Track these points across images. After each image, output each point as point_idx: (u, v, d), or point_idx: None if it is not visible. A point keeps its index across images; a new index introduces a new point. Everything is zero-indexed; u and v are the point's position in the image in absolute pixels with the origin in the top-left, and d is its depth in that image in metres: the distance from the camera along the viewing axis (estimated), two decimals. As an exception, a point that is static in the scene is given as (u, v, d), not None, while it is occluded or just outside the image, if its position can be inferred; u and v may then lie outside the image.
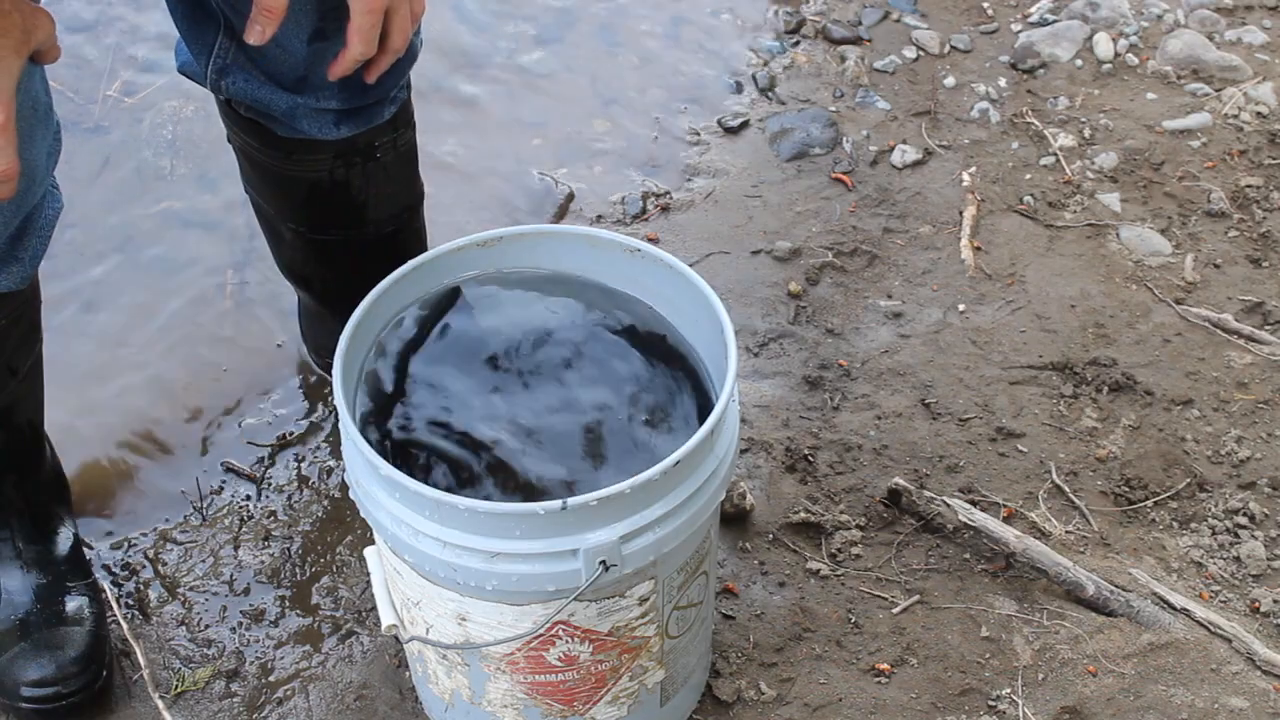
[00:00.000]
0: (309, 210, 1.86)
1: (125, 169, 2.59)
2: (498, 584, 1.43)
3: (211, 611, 1.95)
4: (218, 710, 1.84)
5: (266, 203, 1.92)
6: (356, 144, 1.77)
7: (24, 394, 1.79)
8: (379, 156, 1.81)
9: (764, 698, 1.82)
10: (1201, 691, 1.81)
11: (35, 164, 1.52)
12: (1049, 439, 2.14)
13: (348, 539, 2.03)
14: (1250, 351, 2.26)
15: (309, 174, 1.80)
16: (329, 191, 1.82)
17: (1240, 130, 2.64)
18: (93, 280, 2.38)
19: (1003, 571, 1.96)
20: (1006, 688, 1.83)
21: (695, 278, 1.58)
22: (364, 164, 1.80)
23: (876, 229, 2.49)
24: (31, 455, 1.86)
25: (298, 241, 1.93)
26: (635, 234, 2.45)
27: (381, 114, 1.76)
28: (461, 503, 1.38)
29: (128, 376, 2.26)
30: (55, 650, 1.79)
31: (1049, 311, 2.33)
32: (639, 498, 1.40)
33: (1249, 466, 2.10)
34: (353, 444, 1.45)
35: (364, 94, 1.71)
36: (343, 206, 1.85)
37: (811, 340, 2.29)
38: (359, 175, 1.81)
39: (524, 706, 1.61)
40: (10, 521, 1.85)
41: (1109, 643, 1.86)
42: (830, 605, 1.93)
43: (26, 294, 1.69)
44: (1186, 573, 1.97)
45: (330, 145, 1.76)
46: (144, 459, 2.15)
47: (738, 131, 2.71)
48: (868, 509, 2.04)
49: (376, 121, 1.76)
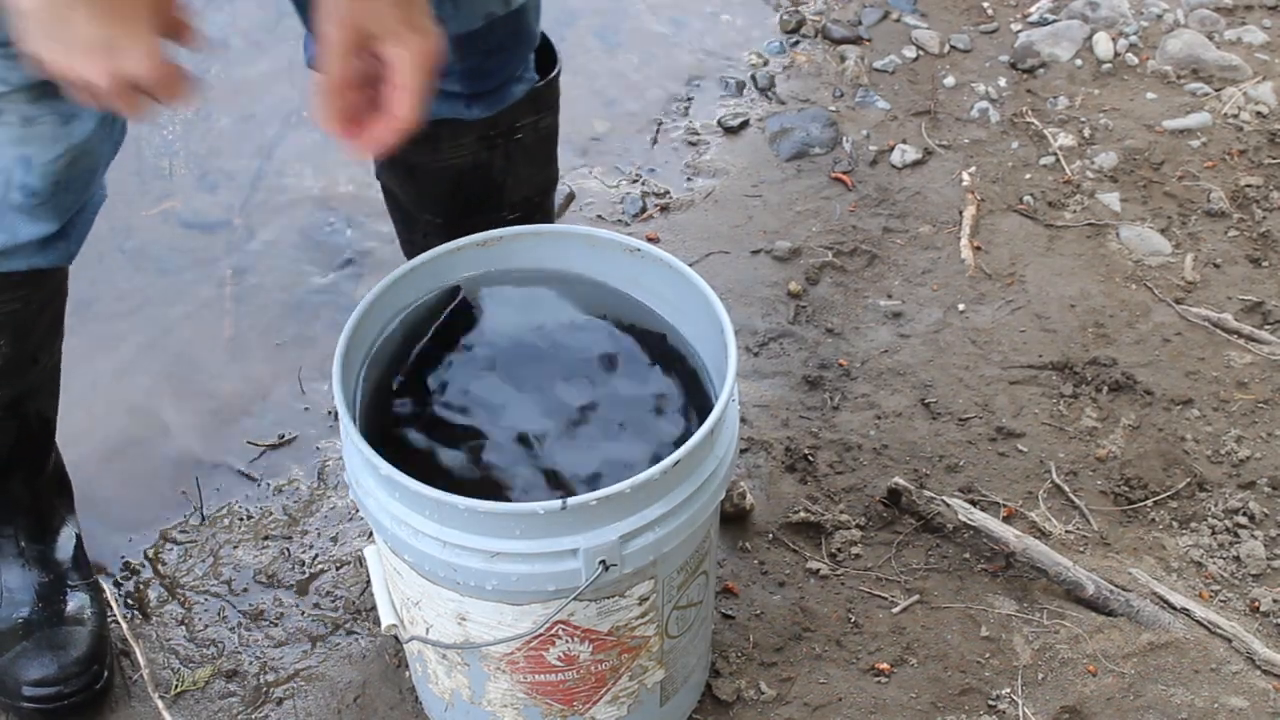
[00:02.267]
0: (452, 201, 1.85)
1: (126, 169, 2.59)
2: (497, 584, 1.43)
3: (211, 611, 1.95)
4: (217, 710, 1.84)
5: (406, 195, 1.92)
6: (499, 124, 1.75)
7: (42, 386, 1.80)
8: (519, 138, 1.79)
9: (764, 697, 1.82)
10: (1201, 691, 1.81)
11: (104, 151, 1.55)
12: (1049, 439, 2.14)
13: (347, 539, 2.03)
14: (1250, 351, 2.26)
15: (456, 162, 1.77)
16: (472, 177, 1.80)
17: (1240, 130, 2.64)
18: (92, 280, 2.38)
19: (1002, 571, 1.96)
20: (1006, 687, 1.83)
21: (695, 277, 1.58)
22: (505, 144, 1.78)
23: (876, 229, 2.49)
24: (42, 451, 1.86)
25: (431, 229, 1.92)
26: (635, 234, 2.45)
27: (511, 94, 1.74)
28: (461, 502, 1.38)
29: (127, 376, 2.26)
30: (57, 650, 1.79)
31: (1049, 311, 2.33)
32: (639, 497, 1.40)
33: (1249, 466, 2.10)
34: (352, 444, 1.45)
35: (485, 78, 1.70)
36: (484, 190, 1.83)
37: (811, 340, 2.29)
38: (500, 156, 1.79)
39: (524, 706, 1.61)
40: (15, 519, 1.85)
41: (1109, 642, 1.86)
42: (830, 605, 1.93)
43: (59, 282, 1.71)
44: (1186, 572, 1.97)
45: (474, 126, 1.73)
46: (144, 458, 2.14)
47: (738, 131, 2.71)
48: (867, 509, 2.04)
49: (507, 102, 1.74)
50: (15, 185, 1.49)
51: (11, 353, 1.69)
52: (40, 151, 1.47)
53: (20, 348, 1.70)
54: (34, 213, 1.53)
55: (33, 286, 1.66)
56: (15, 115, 1.44)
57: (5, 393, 1.73)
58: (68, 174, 1.52)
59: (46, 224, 1.55)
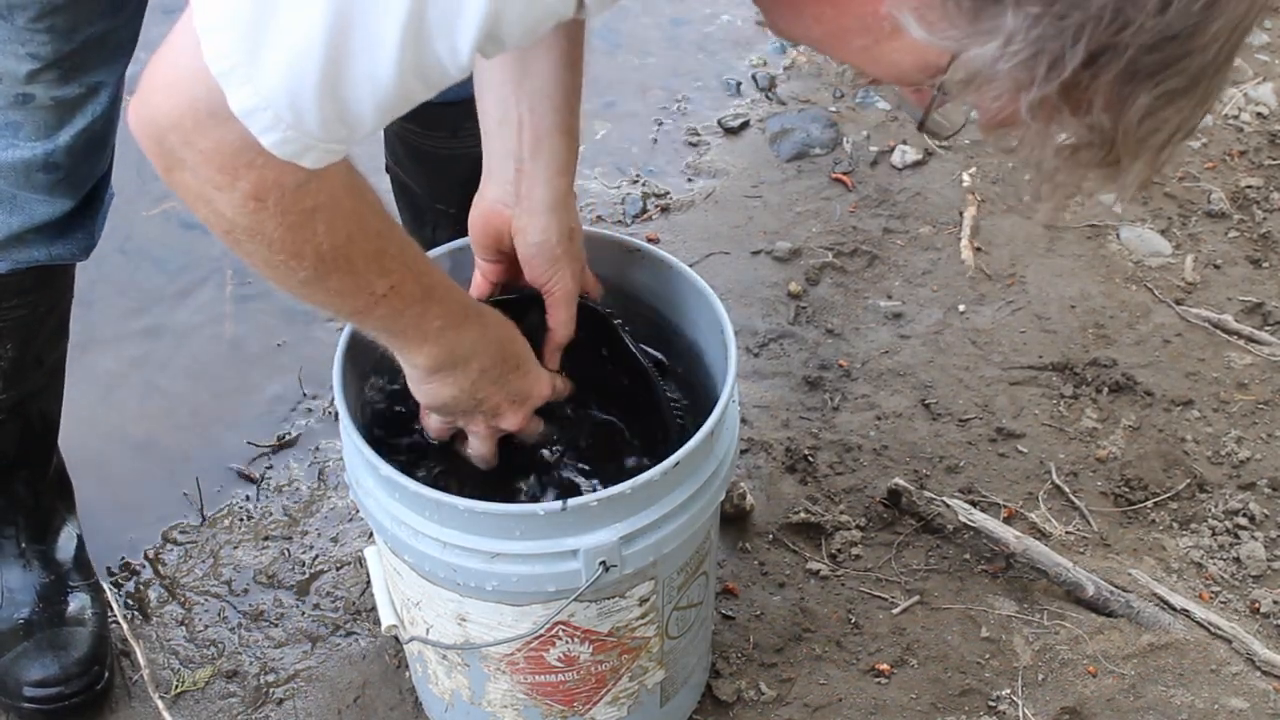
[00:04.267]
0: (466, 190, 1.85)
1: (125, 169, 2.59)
2: (498, 584, 1.43)
3: (211, 612, 1.95)
4: (217, 710, 1.84)
5: (419, 184, 1.91)
6: None
7: (46, 388, 1.80)
8: None
9: (764, 698, 1.82)
10: (1201, 692, 1.81)
11: (116, 115, 1.57)
12: (1049, 439, 2.14)
13: (347, 539, 2.03)
14: (1250, 352, 2.26)
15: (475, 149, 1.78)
16: None
17: (1240, 131, 2.64)
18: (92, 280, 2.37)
19: (1003, 572, 1.96)
20: (1006, 688, 1.83)
21: (695, 278, 1.58)
22: None
23: (877, 229, 2.49)
24: (44, 452, 1.86)
25: (443, 219, 1.92)
26: (636, 234, 2.45)
27: None
28: (461, 503, 1.38)
29: (128, 377, 2.26)
30: (59, 650, 1.79)
31: (1049, 312, 2.33)
32: (639, 498, 1.40)
33: (1249, 467, 2.10)
34: (353, 444, 1.45)
35: None
36: None
37: (811, 340, 2.29)
38: None
39: (524, 707, 1.61)
40: (16, 520, 1.85)
41: (1109, 643, 1.86)
42: (830, 606, 1.92)
43: (66, 284, 1.73)
44: (1186, 573, 1.97)
45: None
46: (144, 459, 2.14)
47: (738, 132, 2.71)
48: (868, 509, 2.04)
49: None
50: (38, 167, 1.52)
51: (16, 355, 1.69)
52: (70, 127, 1.50)
53: (25, 351, 1.70)
54: (53, 190, 1.55)
55: (40, 291, 1.66)
56: (46, 96, 1.46)
57: (9, 394, 1.73)
58: (86, 145, 1.54)
59: (63, 201, 1.57)
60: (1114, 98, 0.98)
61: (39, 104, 1.47)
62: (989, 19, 0.96)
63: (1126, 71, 0.96)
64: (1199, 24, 0.95)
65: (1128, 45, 0.94)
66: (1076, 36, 0.94)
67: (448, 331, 1.34)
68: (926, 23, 0.98)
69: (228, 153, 1.07)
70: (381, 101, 1.05)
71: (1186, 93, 0.99)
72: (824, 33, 1.08)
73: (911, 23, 0.99)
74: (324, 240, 1.16)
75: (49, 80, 1.46)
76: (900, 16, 0.99)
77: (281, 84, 1.01)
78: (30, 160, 1.51)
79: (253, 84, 1.01)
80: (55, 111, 1.49)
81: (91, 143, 1.54)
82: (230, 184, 1.09)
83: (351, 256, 1.20)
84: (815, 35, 1.10)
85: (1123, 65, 0.95)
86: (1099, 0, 0.93)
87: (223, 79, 1.02)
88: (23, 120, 1.49)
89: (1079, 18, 0.94)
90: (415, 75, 1.03)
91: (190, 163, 1.09)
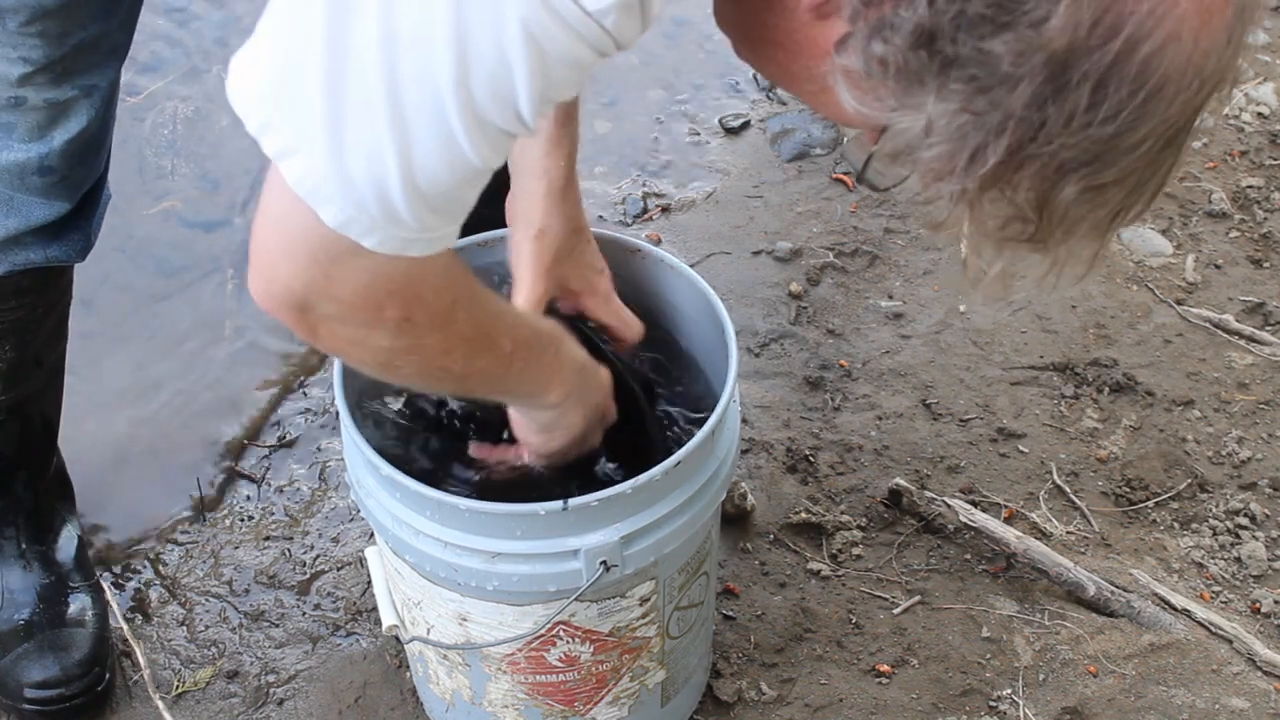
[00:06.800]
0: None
1: (126, 169, 2.59)
2: (499, 584, 1.43)
3: (212, 612, 1.95)
4: (218, 711, 1.84)
5: None
6: None
7: (45, 388, 1.80)
8: None
9: (765, 698, 1.82)
10: (1202, 692, 1.81)
11: (111, 117, 1.58)
12: (1050, 439, 2.14)
13: (348, 539, 2.03)
14: (1251, 352, 2.26)
15: None
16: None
17: (1241, 131, 2.64)
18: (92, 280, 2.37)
19: (1003, 572, 1.96)
20: (1007, 688, 1.83)
21: (696, 278, 1.58)
22: None
23: (877, 229, 2.49)
24: (44, 453, 1.86)
25: None
26: (636, 234, 2.45)
27: None
28: (462, 503, 1.38)
29: (128, 377, 2.26)
30: (60, 652, 1.79)
31: (1050, 312, 2.33)
32: (640, 498, 1.40)
33: (1250, 467, 2.10)
34: (354, 444, 1.45)
35: None
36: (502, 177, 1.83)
37: (812, 341, 2.29)
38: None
39: (525, 707, 1.61)
40: (17, 521, 1.85)
41: (1110, 643, 1.86)
42: (831, 606, 1.92)
43: (64, 285, 1.73)
44: (1187, 573, 1.97)
45: None
46: (144, 459, 2.14)
47: (738, 132, 2.71)
48: (868, 509, 2.04)
49: None
50: (33, 170, 1.52)
51: (15, 357, 1.69)
52: (63, 130, 1.50)
53: (24, 352, 1.70)
54: (49, 192, 1.55)
55: (39, 292, 1.66)
56: (38, 99, 1.46)
57: (9, 395, 1.74)
58: (81, 147, 1.54)
59: (60, 203, 1.57)
60: (1040, 186, 0.95)
61: (31, 106, 1.47)
62: (915, 97, 0.94)
63: (1049, 167, 0.94)
64: (1128, 127, 0.92)
65: (1051, 142, 0.92)
66: (999, 132, 0.92)
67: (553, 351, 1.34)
68: (857, 91, 0.97)
69: (365, 289, 1.08)
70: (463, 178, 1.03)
71: (1119, 184, 0.96)
72: (777, 72, 1.09)
73: (843, 89, 0.98)
74: (465, 327, 1.18)
75: (41, 83, 1.46)
76: (834, 81, 0.98)
77: (369, 190, 1.00)
78: (25, 163, 1.51)
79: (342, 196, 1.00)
80: (48, 114, 1.49)
81: (86, 145, 1.54)
82: (378, 316, 1.10)
83: (484, 326, 1.22)
84: (770, 73, 1.11)
85: (1044, 162, 0.93)
86: (1021, 99, 0.90)
87: (311, 198, 1.01)
88: (15, 122, 1.49)
89: (1000, 117, 0.91)
90: (490, 149, 1.01)
91: (336, 314, 1.10)
